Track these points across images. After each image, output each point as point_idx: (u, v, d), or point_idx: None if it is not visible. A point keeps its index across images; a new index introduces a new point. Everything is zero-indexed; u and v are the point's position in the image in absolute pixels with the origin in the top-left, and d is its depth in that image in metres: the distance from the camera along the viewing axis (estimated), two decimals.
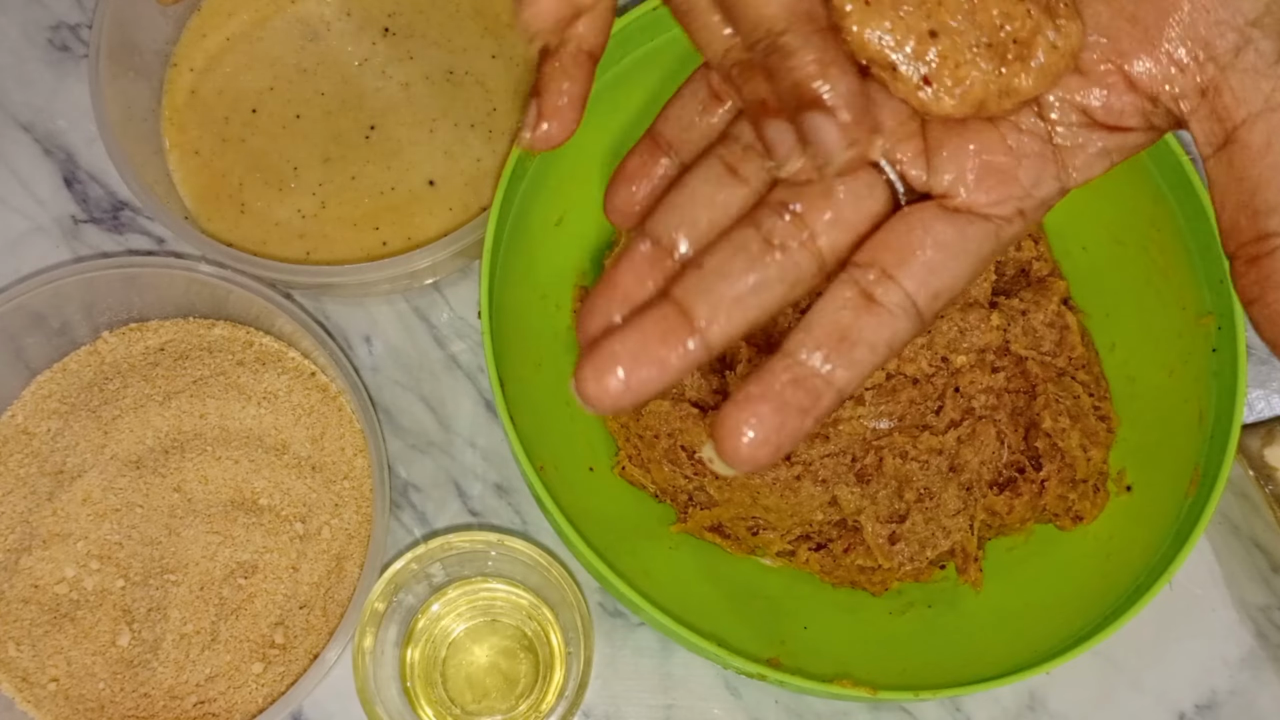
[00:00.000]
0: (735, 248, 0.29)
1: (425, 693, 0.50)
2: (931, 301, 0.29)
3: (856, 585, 0.50)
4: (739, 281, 0.29)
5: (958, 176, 0.30)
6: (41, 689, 0.49)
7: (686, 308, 0.28)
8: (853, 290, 0.29)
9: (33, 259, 0.56)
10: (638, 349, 0.28)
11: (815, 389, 0.28)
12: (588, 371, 0.28)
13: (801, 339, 0.28)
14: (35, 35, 0.58)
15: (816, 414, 0.28)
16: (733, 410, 0.28)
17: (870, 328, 0.28)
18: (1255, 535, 0.53)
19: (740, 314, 0.29)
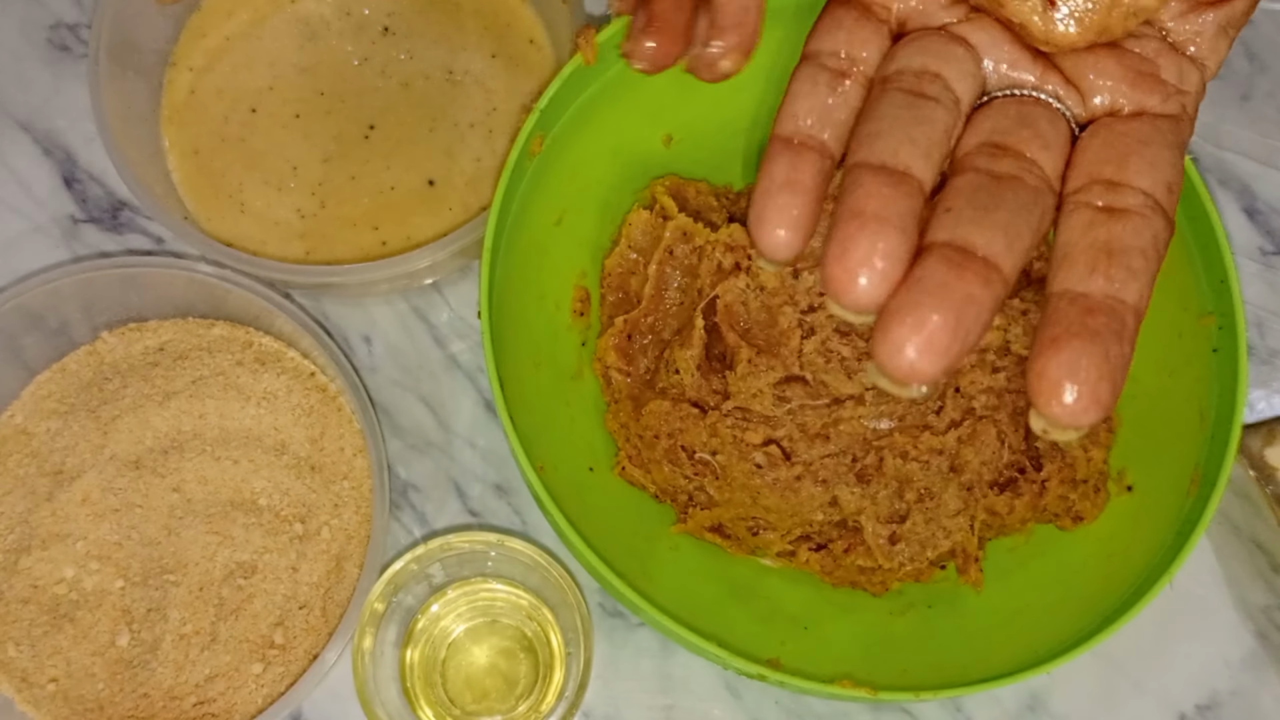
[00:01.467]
0: (973, 188, 0.27)
1: (425, 693, 0.50)
2: (1169, 196, 0.28)
3: (857, 585, 0.50)
4: (999, 210, 0.26)
5: (1113, 90, 0.29)
6: (41, 689, 0.48)
7: (964, 244, 0.26)
8: (1089, 211, 0.27)
9: (31, 259, 0.56)
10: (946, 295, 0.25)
11: (1115, 309, 0.25)
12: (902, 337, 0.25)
13: (1070, 271, 0.26)
14: (34, 35, 0.58)
15: (1129, 335, 0.25)
16: (1050, 358, 0.25)
17: (1131, 233, 0.26)
18: (1256, 535, 0.52)
19: (1018, 240, 0.26)
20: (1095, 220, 0.27)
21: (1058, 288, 0.26)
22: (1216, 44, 0.30)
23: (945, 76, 0.29)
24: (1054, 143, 0.29)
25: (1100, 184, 0.28)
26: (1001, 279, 0.26)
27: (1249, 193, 0.58)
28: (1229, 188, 0.58)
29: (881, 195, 0.26)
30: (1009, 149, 0.28)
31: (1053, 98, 0.29)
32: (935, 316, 0.25)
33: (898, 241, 0.26)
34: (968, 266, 0.25)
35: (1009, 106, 0.29)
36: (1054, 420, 0.25)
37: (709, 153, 0.53)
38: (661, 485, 0.50)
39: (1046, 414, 0.25)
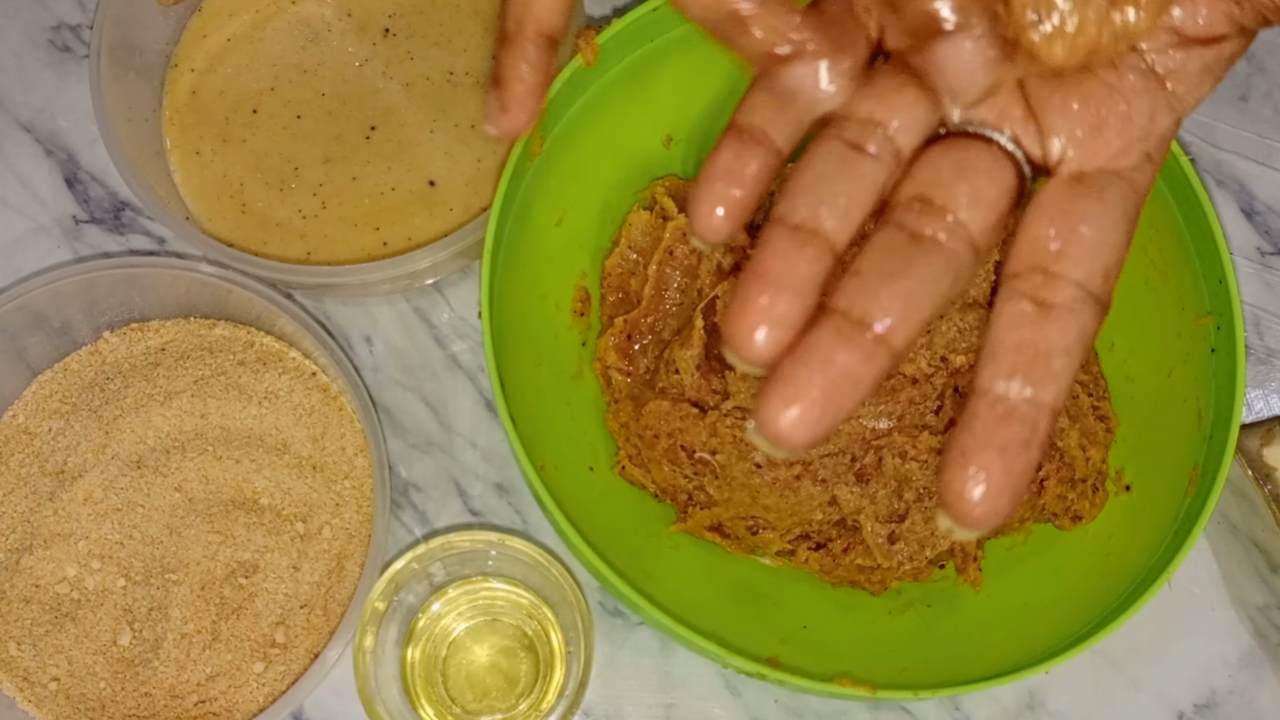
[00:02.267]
0: (885, 250, 0.27)
1: (426, 692, 0.50)
2: (1105, 282, 0.28)
3: (856, 584, 0.50)
4: (903, 280, 0.26)
5: (1069, 134, 0.28)
6: (43, 688, 0.49)
7: (859, 316, 0.26)
8: (1023, 302, 0.27)
9: (34, 259, 0.56)
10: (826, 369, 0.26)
11: (1028, 417, 0.26)
12: (776, 407, 0.26)
13: (992, 371, 0.26)
14: (36, 36, 0.58)
15: (1039, 441, 0.26)
16: (956, 472, 0.26)
17: (1057, 333, 0.27)
18: (1254, 535, 0.53)
19: (916, 313, 0.26)
20: (1023, 317, 0.27)
21: (981, 385, 0.27)
22: (1200, 83, 0.29)
23: (889, 127, 0.29)
24: (989, 196, 0.28)
25: (1036, 273, 0.28)
26: (889, 353, 0.26)
27: (1246, 193, 0.58)
28: (1226, 188, 0.58)
29: (786, 258, 0.27)
30: (937, 205, 0.28)
31: (1009, 138, 0.29)
32: (811, 392, 0.26)
33: (792, 307, 0.27)
34: (855, 341, 0.26)
35: (951, 152, 0.29)
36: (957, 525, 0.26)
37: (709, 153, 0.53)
38: (661, 485, 0.50)
39: (952, 518, 0.26)
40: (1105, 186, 0.28)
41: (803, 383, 0.26)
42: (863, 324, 0.26)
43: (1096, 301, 0.28)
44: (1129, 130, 0.28)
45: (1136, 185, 0.29)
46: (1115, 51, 0.28)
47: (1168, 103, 0.29)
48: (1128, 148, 0.28)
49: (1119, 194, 0.28)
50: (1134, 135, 0.28)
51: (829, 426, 0.26)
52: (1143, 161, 0.29)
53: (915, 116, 0.29)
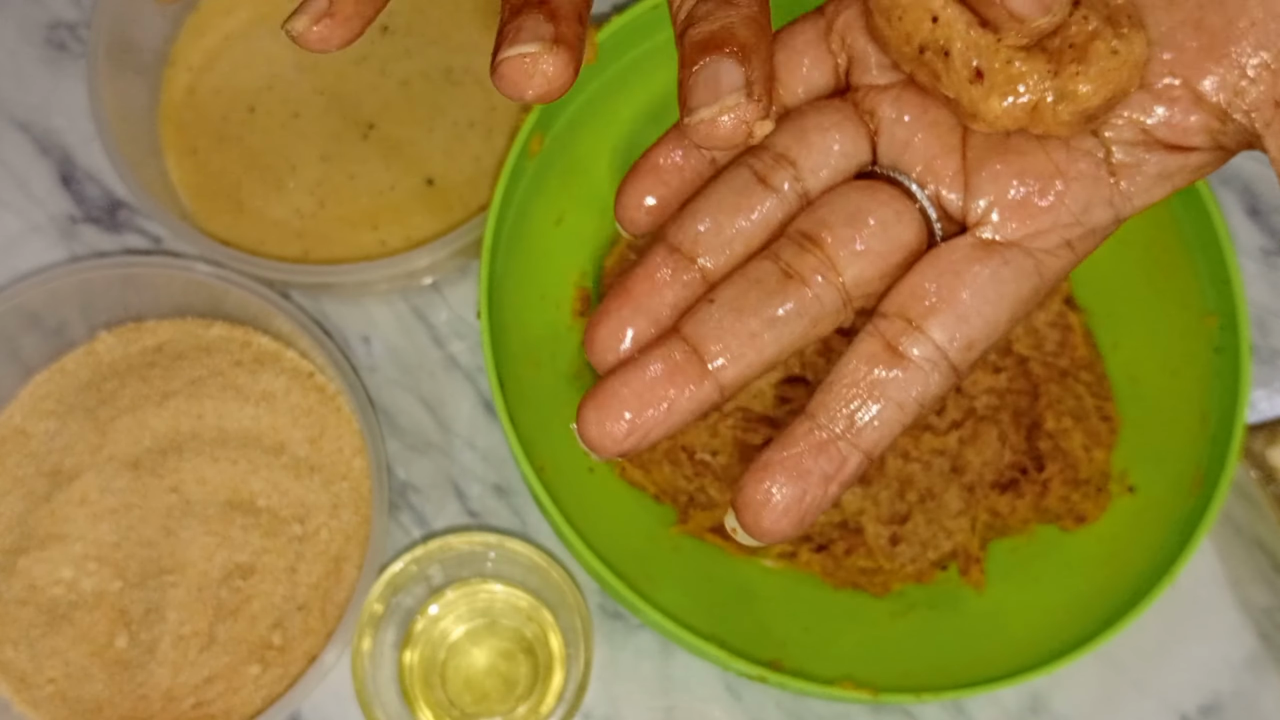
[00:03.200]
0: (751, 281, 0.27)
1: (424, 695, 0.50)
2: (965, 353, 0.27)
3: (858, 587, 0.49)
4: (753, 318, 0.27)
5: (995, 199, 0.28)
6: (39, 690, 0.48)
7: (697, 345, 0.27)
8: (878, 344, 0.27)
9: (29, 258, 0.55)
10: (644, 390, 0.27)
11: (839, 454, 0.26)
12: (590, 414, 0.27)
13: (823, 399, 0.27)
14: (32, 34, 0.58)
15: (841, 480, 0.27)
16: (752, 479, 0.26)
17: (897, 385, 0.27)
18: (1259, 536, 0.52)
19: (755, 353, 0.27)
20: (873, 358, 0.27)
21: (809, 408, 0.27)
22: (1152, 187, 0.28)
23: (800, 167, 0.29)
24: (877, 248, 0.28)
25: (902, 320, 0.27)
26: (716, 388, 0.27)
27: (1251, 193, 0.58)
28: (1231, 188, 0.58)
29: (653, 281, 0.28)
30: (819, 246, 0.28)
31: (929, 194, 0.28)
32: (622, 408, 0.27)
33: (643, 331, 0.28)
34: (684, 372, 0.27)
35: (856, 195, 0.28)
36: (740, 529, 0.27)
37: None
38: (662, 486, 0.49)
39: (738, 521, 0.27)
40: (1008, 262, 0.27)
41: (617, 397, 0.27)
42: (696, 356, 0.27)
43: (950, 369, 0.27)
44: (1055, 214, 0.27)
45: (1043, 269, 0.28)
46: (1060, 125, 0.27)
47: (1109, 198, 0.28)
48: (1048, 230, 0.28)
49: (1018, 272, 0.27)
50: (1059, 220, 0.28)
51: (634, 445, 0.27)
52: (1060, 248, 0.28)
53: (832, 159, 0.29)
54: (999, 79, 0.27)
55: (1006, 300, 0.27)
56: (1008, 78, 0.27)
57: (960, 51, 0.27)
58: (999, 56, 0.27)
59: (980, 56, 0.27)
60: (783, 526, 0.26)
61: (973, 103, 0.27)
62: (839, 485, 0.27)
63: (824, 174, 0.29)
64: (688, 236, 0.28)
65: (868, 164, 0.29)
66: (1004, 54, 0.27)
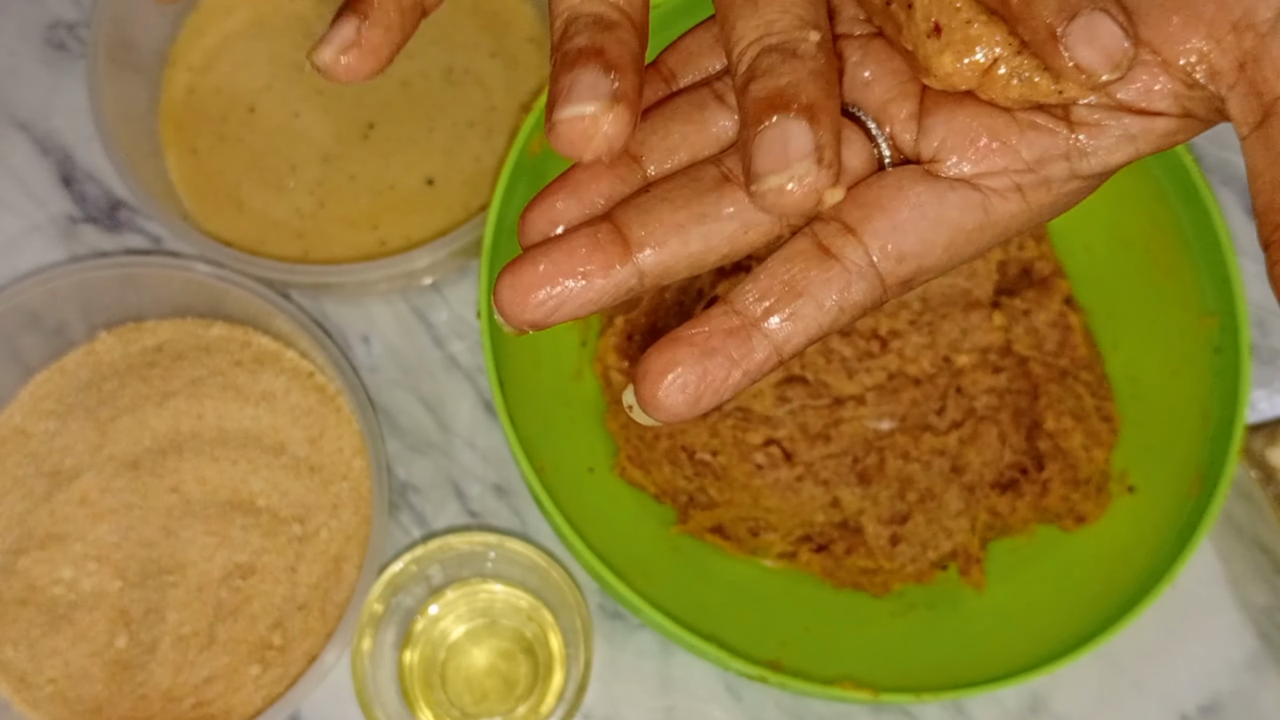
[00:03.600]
0: (689, 178, 0.27)
1: (424, 695, 0.50)
2: (895, 265, 0.27)
3: (858, 587, 0.49)
4: (683, 208, 0.27)
5: (946, 139, 0.27)
6: (39, 690, 0.48)
7: (622, 227, 0.27)
8: (809, 242, 0.27)
9: (29, 258, 0.55)
10: (562, 262, 0.26)
11: (749, 340, 0.26)
12: (506, 279, 0.26)
13: (746, 288, 0.27)
14: (32, 34, 0.58)
15: (747, 368, 0.26)
16: (655, 352, 0.26)
17: (820, 282, 0.26)
18: (1258, 536, 0.52)
19: (679, 243, 0.27)
20: (802, 254, 0.27)
21: (729, 295, 0.27)
22: (1115, 148, 0.27)
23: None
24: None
25: (837, 223, 0.27)
26: (636, 272, 0.27)
27: None
28: (1231, 187, 0.58)
29: (593, 172, 0.28)
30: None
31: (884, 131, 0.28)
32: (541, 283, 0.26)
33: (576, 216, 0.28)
34: (603, 249, 0.27)
35: None
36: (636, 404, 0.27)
37: None
38: (662, 486, 0.49)
39: (635, 395, 0.27)
40: (953, 188, 0.27)
41: (534, 266, 0.26)
42: (619, 236, 0.27)
43: (877, 277, 0.27)
44: (1007, 158, 0.27)
45: (990, 209, 0.27)
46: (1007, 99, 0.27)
47: (1066, 151, 0.27)
48: (998, 172, 0.27)
49: (962, 202, 0.27)
50: (1011, 164, 0.27)
51: (544, 318, 0.27)
52: (1010, 190, 0.27)
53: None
54: (955, 37, 0.27)
55: (945, 225, 0.27)
56: (965, 37, 0.27)
57: (923, 5, 0.27)
58: (959, 16, 0.27)
59: (941, 13, 0.27)
60: (677, 402, 0.26)
61: (927, 57, 0.27)
62: (742, 373, 0.26)
63: None
64: (636, 140, 0.28)
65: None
66: (964, 14, 0.27)
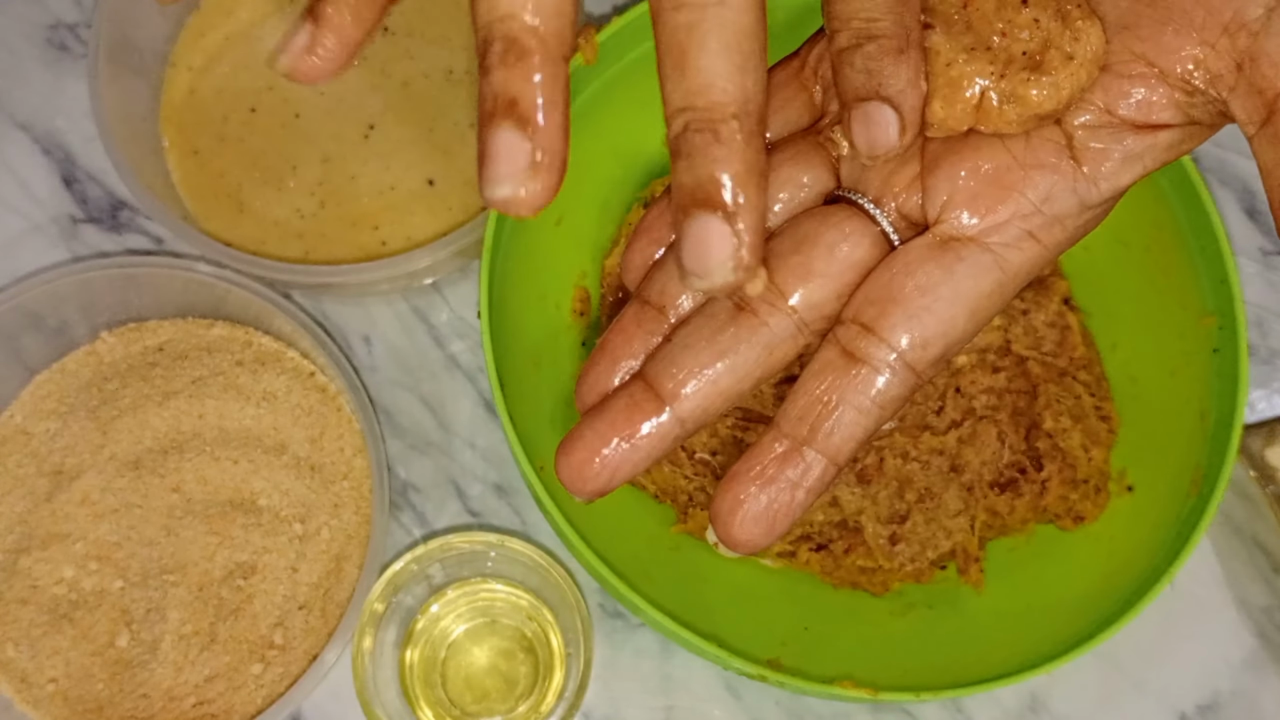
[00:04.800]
0: (705, 318, 0.28)
1: (425, 694, 0.50)
2: (920, 351, 0.27)
3: (857, 586, 0.49)
4: (704, 351, 0.27)
5: (950, 195, 0.27)
6: (40, 689, 0.48)
7: (653, 381, 0.28)
8: (834, 351, 0.27)
9: (31, 259, 0.55)
10: (605, 429, 0.27)
11: (803, 461, 0.27)
12: (562, 459, 0.28)
13: (786, 409, 0.27)
14: (33, 34, 0.58)
15: (808, 485, 0.27)
16: (722, 491, 0.27)
17: (852, 389, 0.27)
18: (1257, 536, 0.52)
19: (710, 385, 0.27)
20: (830, 365, 0.27)
21: (777, 417, 0.28)
22: (1120, 170, 0.27)
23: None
24: (827, 271, 0.28)
25: (857, 325, 0.27)
26: (675, 421, 0.28)
27: (1249, 192, 0.58)
28: (1230, 187, 0.58)
29: (626, 334, 0.29)
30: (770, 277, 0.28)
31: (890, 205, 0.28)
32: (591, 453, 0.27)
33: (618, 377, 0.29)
34: (642, 409, 0.28)
35: (807, 223, 0.29)
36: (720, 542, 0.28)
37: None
38: (661, 485, 0.49)
39: (716, 534, 0.28)
40: (963, 258, 0.27)
41: (583, 439, 0.28)
42: (653, 392, 0.28)
43: (908, 369, 0.27)
44: (1014, 204, 0.27)
45: (1004, 264, 0.27)
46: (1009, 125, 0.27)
47: (1073, 185, 0.27)
48: (1007, 222, 0.27)
49: (974, 268, 0.27)
50: (1020, 210, 0.27)
51: (605, 484, 0.28)
52: (1021, 239, 0.27)
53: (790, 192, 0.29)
54: (939, 82, 0.27)
55: (963, 297, 0.27)
56: (948, 81, 0.27)
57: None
58: (938, 61, 0.27)
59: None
60: (753, 533, 0.27)
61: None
62: (806, 491, 0.27)
63: (782, 210, 0.29)
64: (655, 289, 0.29)
65: (830, 190, 0.29)
66: (942, 58, 0.27)
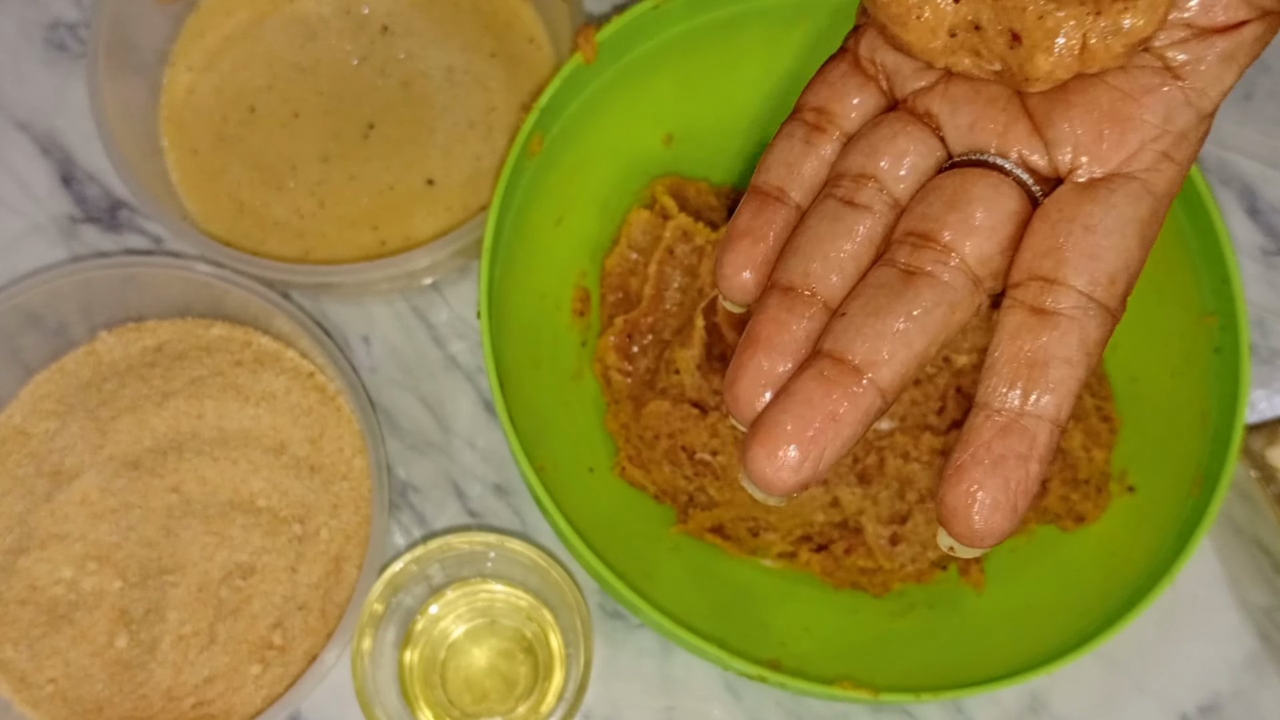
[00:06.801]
0: (876, 287, 0.27)
1: (424, 694, 0.50)
2: (1109, 288, 0.27)
3: (858, 586, 0.49)
4: (891, 316, 0.26)
5: (1076, 144, 0.27)
6: (39, 690, 0.48)
7: (843, 355, 0.26)
8: (1022, 312, 0.27)
9: (30, 258, 0.55)
10: (806, 412, 0.26)
11: (1026, 432, 0.26)
12: (759, 453, 0.26)
13: (992, 384, 0.26)
14: (33, 34, 0.58)
15: (1039, 454, 0.26)
16: (949, 488, 0.26)
17: (1056, 342, 0.26)
18: (1258, 536, 0.52)
19: (905, 348, 0.26)
20: (1022, 327, 0.27)
21: (980, 399, 0.27)
22: (1221, 74, 0.27)
23: (881, 178, 0.29)
24: (987, 223, 0.27)
25: (1036, 281, 0.27)
26: (876, 391, 0.26)
27: (1251, 192, 0.58)
28: (1231, 188, 0.58)
29: (777, 321, 0.28)
30: (931, 238, 0.27)
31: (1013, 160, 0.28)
32: (793, 437, 0.26)
33: (785, 367, 0.27)
34: (837, 383, 0.26)
35: (948, 182, 0.28)
36: (957, 543, 0.26)
37: (709, 152, 0.52)
38: (662, 486, 0.49)
39: (952, 536, 0.26)
40: (1114, 190, 0.27)
41: (783, 428, 0.26)
42: (846, 364, 0.26)
43: (1102, 308, 0.27)
44: (1140, 131, 0.27)
45: (1152, 187, 0.28)
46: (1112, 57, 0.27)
47: (1185, 99, 0.28)
48: (1140, 150, 0.28)
49: (1129, 196, 0.27)
50: (1146, 136, 0.28)
51: (812, 470, 0.26)
52: (1159, 161, 0.28)
53: (911, 161, 0.29)
54: (1037, 36, 0.27)
55: (1130, 225, 0.27)
56: (1045, 32, 0.27)
57: (990, 21, 0.27)
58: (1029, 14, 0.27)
59: (1012, 20, 0.27)
60: (997, 522, 0.25)
61: (1021, 67, 0.27)
62: (1038, 462, 0.26)
63: (907, 178, 0.29)
64: (797, 274, 0.28)
65: (945, 159, 0.29)
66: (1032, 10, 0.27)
